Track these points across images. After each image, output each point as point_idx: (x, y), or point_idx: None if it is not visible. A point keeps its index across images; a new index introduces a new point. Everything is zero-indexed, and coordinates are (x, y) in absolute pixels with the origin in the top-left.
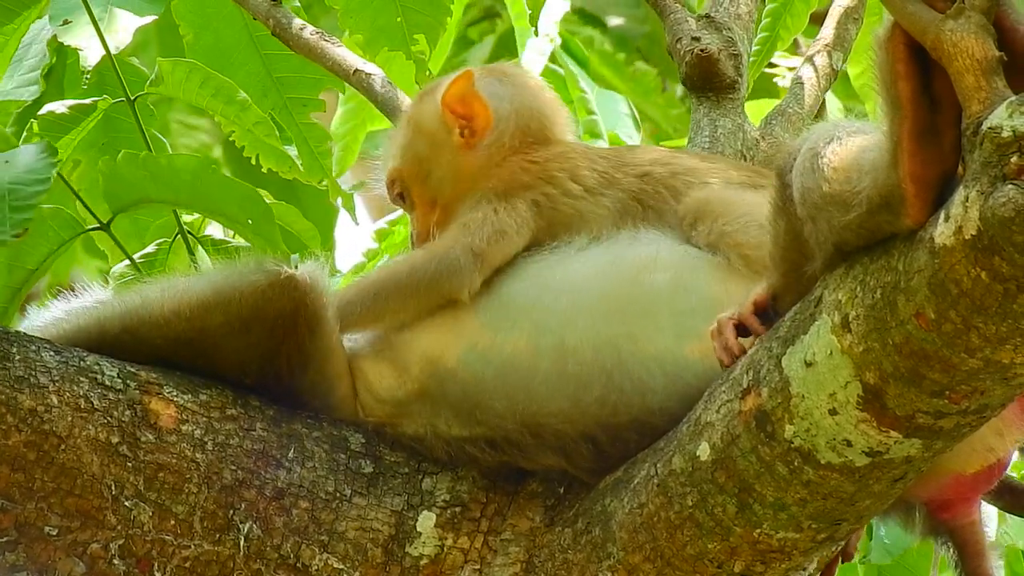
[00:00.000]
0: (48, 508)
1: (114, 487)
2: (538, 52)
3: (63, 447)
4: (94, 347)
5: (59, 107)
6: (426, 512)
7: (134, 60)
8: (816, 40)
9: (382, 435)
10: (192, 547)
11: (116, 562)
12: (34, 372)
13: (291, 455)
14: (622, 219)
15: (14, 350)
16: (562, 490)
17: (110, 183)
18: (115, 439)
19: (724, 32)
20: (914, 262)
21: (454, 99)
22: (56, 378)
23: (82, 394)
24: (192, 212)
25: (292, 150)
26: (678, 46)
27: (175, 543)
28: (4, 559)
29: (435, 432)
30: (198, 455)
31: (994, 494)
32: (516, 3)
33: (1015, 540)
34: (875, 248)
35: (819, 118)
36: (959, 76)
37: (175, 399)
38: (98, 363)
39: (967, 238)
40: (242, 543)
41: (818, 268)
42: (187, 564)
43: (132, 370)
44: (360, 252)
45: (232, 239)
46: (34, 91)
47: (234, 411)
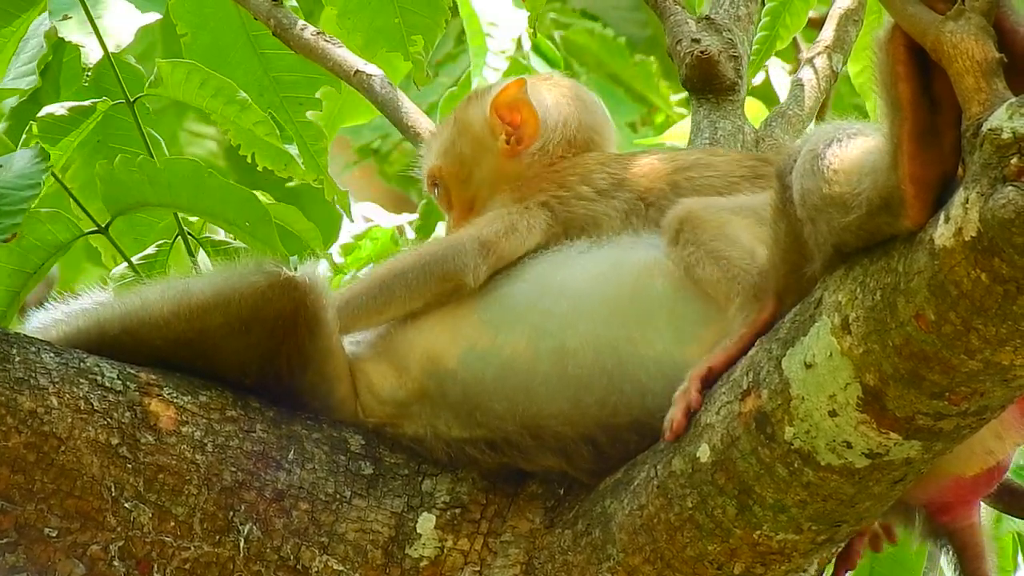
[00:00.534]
0: (48, 509)
1: (114, 488)
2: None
3: (63, 448)
4: (94, 348)
5: (58, 109)
6: (426, 514)
7: (130, 58)
8: (816, 42)
9: (382, 436)
10: (192, 549)
11: (116, 563)
12: (34, 374)
13: (291, 457)
14: (628, 220)
15: (14, 351)
16: (562, 492)
17: (108, 186)
18: (115, 440)
19: (724, 34)
20: (914, 264)
21: (504, 105)
22: (56, 380)
23: (82, 396)
24: (189, 215)
25: (293, 149)
26: (678, 48)
27: (175, 545)
28: (4, 560)
29: (435, 433)
30: (198, 456)
31: (994, 496)
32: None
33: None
34: (875, 250)
35: (819, 119)
36: (959, 78)
37: (175, 400)
38: (98, 364)
39: (967, 240)
40: (242, 545)
41: (818, 269)
42: (187, 566)
43: (132, 371)
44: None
45: (232, 241)
46: (31, 81)
47: (234, 412)
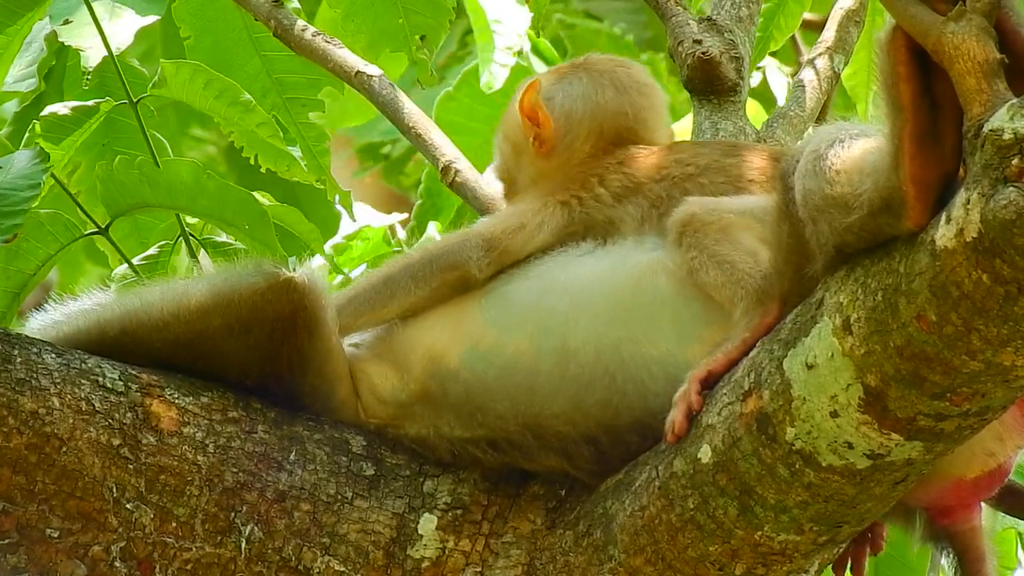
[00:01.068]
0: (49, 510)
1: (115, 489)
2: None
3: (64, 449)
4: (94, 350)
5: (61, 109)
6: (427, 514)
7: (133, 61)
8: (818, 43)
9: (383, 437)
10: (193, 549)
11: (117, 564)
12: (35, 374)
13: (292, 457)
14: (642, 226)
15: (15, 352)
16: (563, 492)
17: (108, 188)
18: (116, 441)
19: (725, 35)
20: (915, 264)
21: (527, 108)
22: (57, 380)
23: (83, 396)
24: (189, 216)
25: (296, 151)
26: (679, 49)
27: (176, 545)
28: (6, 561)
29: (438, 433)
30: (199, 457)
31: (996, 498)
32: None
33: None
34: (876, 250)
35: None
36: (960, 78)
37: (176, 401)
38: (99, 365)
39: (968, 240)
40: (243, 545)
41: (819, 270)
42: (188, 566)
43: (133, 372)
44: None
45: (234, 242)
46: (31, 83)
47: (235, 413)
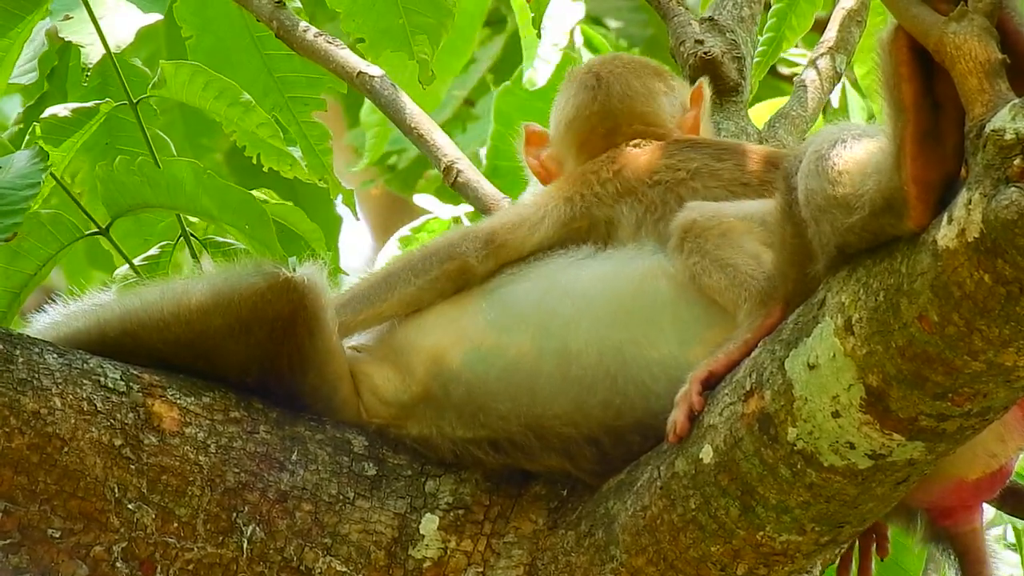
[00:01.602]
0: (51, 511)
1: (117, 490)
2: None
3: (66, 450)
4: (95, 350)
5: (61, 110)
6: (429, 515)
7: (136, 61)
8: (820, 43)
9: (385, 437)
10: (195, 550)
11: (119, 565)
12: (37, 375)
13: (294, 458)
14: (638, 229)
15: (17, 352)
16: (565, 492)
17: (108, 188)
18: (118, 442)
19: (727, 35)
20: (917, 265)
21: (527, 159)
22: (59, 381)
23: (85, 397)
24: (189, 216)
25: (296, 151)
26: (681, 49)
27: (178, 546)
28: (7, 561)
29: (440, 433)
30: (201, 458)
31: (998, 499)
32: (523, 12)
33: None
34: (878, 251)
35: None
36: (962, 79)
37: (178, 402)
38: (101, 366)
39: (970, 241)
40: (245, 546)
41: (821, 270)
42: (190, 567)
43: (135, 372)
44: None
45: (235, 242)
46: (32, 77)
47: (237, 414)
